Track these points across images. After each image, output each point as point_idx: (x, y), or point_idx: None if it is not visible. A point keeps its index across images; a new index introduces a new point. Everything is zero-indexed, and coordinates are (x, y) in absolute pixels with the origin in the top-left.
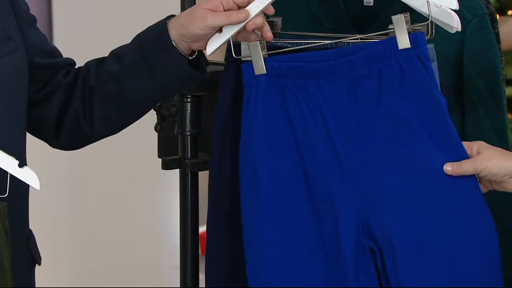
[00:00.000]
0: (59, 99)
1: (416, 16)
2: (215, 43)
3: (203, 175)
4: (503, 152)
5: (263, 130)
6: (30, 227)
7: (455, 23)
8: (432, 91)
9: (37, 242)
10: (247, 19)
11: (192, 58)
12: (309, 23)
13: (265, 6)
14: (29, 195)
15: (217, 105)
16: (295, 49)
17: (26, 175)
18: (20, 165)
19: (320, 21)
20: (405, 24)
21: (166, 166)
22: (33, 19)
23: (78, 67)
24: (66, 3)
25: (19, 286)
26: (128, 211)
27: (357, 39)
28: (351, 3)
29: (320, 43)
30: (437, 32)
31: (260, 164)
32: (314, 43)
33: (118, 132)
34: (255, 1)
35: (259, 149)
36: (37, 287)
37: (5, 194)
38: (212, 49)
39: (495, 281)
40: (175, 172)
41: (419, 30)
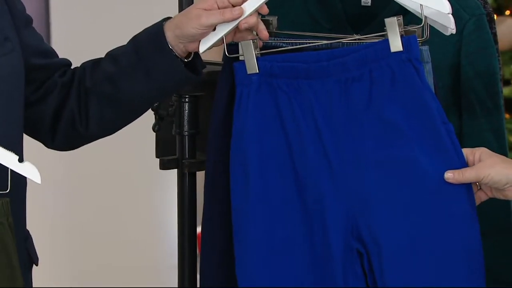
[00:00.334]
0: (55, 99)
1: (414, 16)
2: (208, 41)
3: (201, 175)
4: (505, 159)
5: (254, 129)
6: (27, 227)
7: (451, 24)
8: (422, 95)
9: (35, 242)
10: (241, 16)
11: (188, 60)
12: (307, 23)
13: (259, 5)
14: (26, 196)
15: (214, 105)
16: (288, 49)
17: (26, 170)
18: (20, 160)
19: (317, 21)
20: (397, 27)
21: (164, 166)
22: (29, 19)
23: (74, 68)
24: (63, 3)
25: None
26: (126, 211)
27: (353, 40)
28: (348, 3)
29: (315, 43)
30: (434, 32)
31: (250, 163)
32: (309, 43)
33: (113, 133)
34: (249, 0)
35: (250, 148)
36: (34, 287)
37: (6, 190)
38: (204, 47)
39: (478, 284)
40: (173, 172)
41: (414, 32)
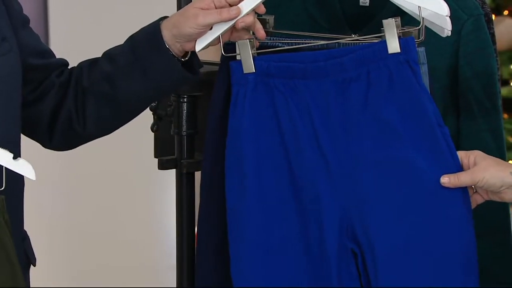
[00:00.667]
0: (52, 99)
1: (412, 17)
2: (204, 40)
3: (199, 175)
4: (500, 162)
5: (250, 129)
6: (25, 227)
7: (447, 26)
8: (419, 96)
9: (32, 242)
10: (238, 15)
11: (185, 59)
12: (305, 22)
13: (256, 4)
14: (23, 196)
15: (211, 105)
16: (285, 49)
17: (21, 167)
18: (14, 157)
19: (316, 21)
20: (395, 28)
21: (162, 166)
22: (26, 20)
23: (71, 68)
24: (62, 3)
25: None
26: (124, 211)
27: (351, 41)
28: (346, 3)
29: (312, 43)
30: (432, 32)
31: (246, 163)
32: (306, 43)
33: (111, 132)
34: (246, 0)
35: (246, 148)
36: (32, 287)
37: (1, 187)
38: (201, 46)
39: (472, 285)
40: (171, 172)
41: (410, 34)
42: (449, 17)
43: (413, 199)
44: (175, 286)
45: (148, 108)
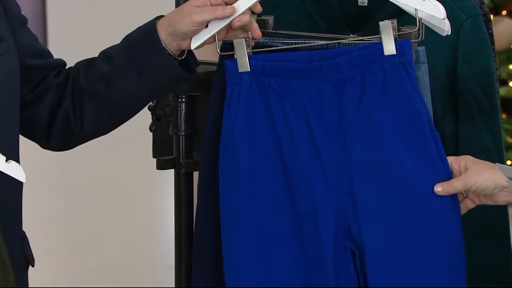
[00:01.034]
0: (50, 100)
1: (411, 17)
2: (200, 38)
3: (197, 175)
4: (491, 165)
5: (244, 128)
6: (24, 228)
7: (446, 27)
8: (412, 99)
9: (31, 242)
10: (233, 14)
11: (181, 58)
12: (304, 23)
13: (252, 3)
14: (22, 197)
15: (209, 105)
16: (280, 49)
17: (12, 169)
18: (6, 160)
19: (315, 21)
20: (392, 30)
21: (160, 166)
22: (24, 20)
23: (68, 68)
24: (60, 3)
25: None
26: (122, 211)
27: (349, 41)
28: (345, 3)
29: (310, 43)
30: (431, 32)
31: (241, 162)
32: (305, 43)
33: (108, 132)
34: None
35: (241, 148)
36: (30, 287)
37: None
38: (196, 44)
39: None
40: (170, 172)
41: (409, 33)
42: (448, 17)
43: (402, 201)
44: (174, 286)
45: (146, 108)
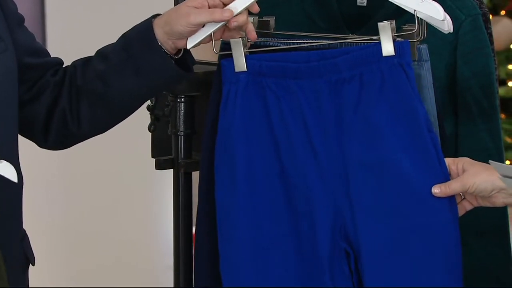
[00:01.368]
0: (47, 99)
1: (412, 16)
2: (196, 38)
3: (197, 175)
4: (489, 167)
5: (241, 128)
6: (23, 227)
7: (445, 27)
8: (410, 100)
9: (30, 242)
10: (231, 17)
11: (178, 57)
12: (303, 22)
13: (249, 4)
14: (22, 196)
15: (209, 105)
16: (277, 48)
17: (3, 169)
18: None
19: (314, 21)
20: (390, 31)
21: (159, 166)
22: (21, 19)
23: (65, 67)
24: (59, 2)
25: (13, 286)
26: (121, 211)
27: (348, 41)
28: (344, 3)
29: (309, 44)
30: (430, 32)
31: (237, 162)
32: (304, 43)
33: (105, 131)
34: None
35: (237, 147)
36: (30, 287)
37: None
38: (192, 43)
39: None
40: (168, 172)
41: (409, 31)
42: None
43: (399, 202)
44: (172, 286)
45: (145, 108)
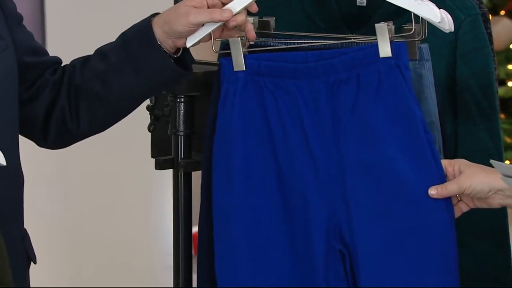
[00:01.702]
0: (46, 98)
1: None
2: (195, 37)
3: (196, 175)
4: (486, 168)
5: (239, 127)
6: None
7: (446, 25)
8: (407, 101)
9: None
10: (230, 17)
11: (177, 56)
12: (303, 22)
13: (248, 3)
14: (23, 195)
15: (210, 105)
16: (276, 48)
17: None
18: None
19: (313, 21)
20: (387, 33)
21: (159, 166)
22: (20, 18)
23: (64, 65)
24: (59, 1)
25: (15, 285)
26: (121, 211)
27: (347, 41)
28: (343, 3)
29: (308, 44)
30: (430, 31)
31: (235, 161)
32: (304, 43)
33: (104, 130)
34: None
35: (235, 146)
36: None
37: None
38: (191, 42)
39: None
40: (168, 172)
41: (411, 30)
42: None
43: (396, 203)
44: (172, 286)
45: (145, 108)
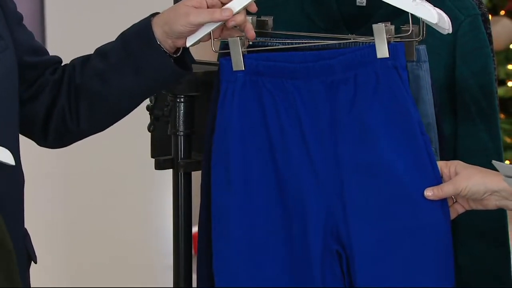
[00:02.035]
0: (46, 97)
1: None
2: (195, 36)
3: (196, 175)
4: (481, 169)
5: (237, 126)
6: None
7: (446, 25)
8: (404, 102)
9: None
10: (230, 16)
11: (177, 56)
12: (302, 22)
13: (247, 3)
14: (23, 194)
15: (211, 104)
16: (275, 48)
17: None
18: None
19: (313, 21)
20: (385, 34)
21: (159, 166)
22: (20, 17)
23: (64, 65)
24: (58, 2)
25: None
26: (121, 211)
27: (346, 42)
28: (343, 3)
29: (307, 44)
30: (429, 32)
31: (233, 160)
32: (303, 43)
33: (104, 129)
34: None
35: (233, 145)
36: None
37: None
38: (191, 42)
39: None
40: (168, 172)
41: (410, 34)
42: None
43: (392, 204)
44: (172, 286)
45: (145, 108)
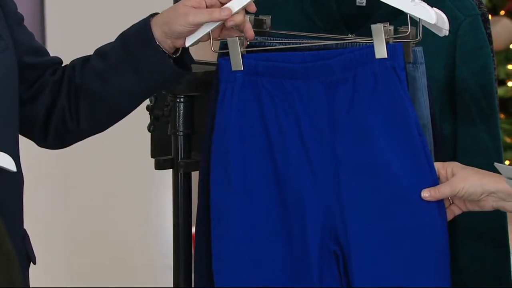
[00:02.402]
0: (46, 98)
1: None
2: (194, 36)
3: (196, 175)
4: (478, 170)
5: (236, 126)
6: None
7: (445, 25)
8: (402, 102)
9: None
10: (229, 16)
11: (176, 56)
12: (302, 22)
13: (246, 3)
14: (23, 195)
15: (209, 104)
16: (274, 48)
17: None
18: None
19: (312, 21)
20: (383, 34)
21: (159, 166)
22: (21, 18)
23: (64, 66)
24: (59, 1)
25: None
26: (121, 211)
27: (345, 42)
28: (343, 3)
29: (307, 44)
30: (429, 32)
31: (232, 160)
32: (302, 43)
33: (104, 129)
34: None
35: (232, 145)
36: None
37: None
38: (190, 42)
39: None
40: (168, 172)
41: (406, 35)
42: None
43: (389, 204)
44: (172, 286)
45: (144, 108)
